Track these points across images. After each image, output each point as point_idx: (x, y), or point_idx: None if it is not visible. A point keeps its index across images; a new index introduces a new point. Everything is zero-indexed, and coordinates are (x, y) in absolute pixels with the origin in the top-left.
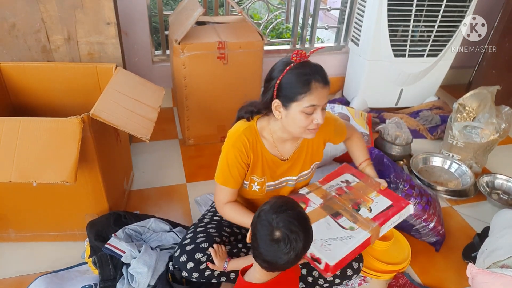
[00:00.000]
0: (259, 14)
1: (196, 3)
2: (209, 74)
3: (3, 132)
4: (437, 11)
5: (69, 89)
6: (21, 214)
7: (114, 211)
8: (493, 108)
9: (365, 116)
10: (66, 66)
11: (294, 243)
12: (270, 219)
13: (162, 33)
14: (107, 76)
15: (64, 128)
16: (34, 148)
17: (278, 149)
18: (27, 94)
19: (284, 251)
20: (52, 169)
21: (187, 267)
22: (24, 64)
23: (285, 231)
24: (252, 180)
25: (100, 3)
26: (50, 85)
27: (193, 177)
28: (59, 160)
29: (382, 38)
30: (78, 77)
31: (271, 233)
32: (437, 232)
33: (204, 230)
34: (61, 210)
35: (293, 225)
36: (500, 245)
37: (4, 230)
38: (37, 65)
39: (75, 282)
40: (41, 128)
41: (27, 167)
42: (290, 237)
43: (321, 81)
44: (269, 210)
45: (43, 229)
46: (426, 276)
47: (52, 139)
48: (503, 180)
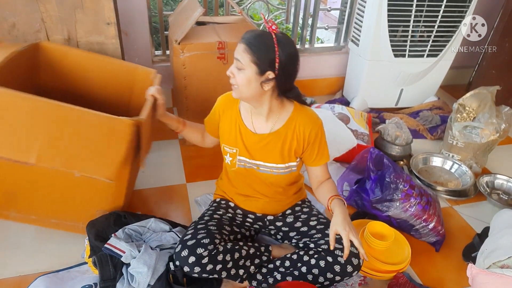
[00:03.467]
0: (259, 14)
1: (196, 3)
2: (209, 74)
3: (56, 118)
4: (437, 11)
5: (102, 82)
6: (32, 196)
7: (114, 211)
8: (493, 108)
9: (365, 116)
10: (107, 60)
11: None
12: None
13: (162, 33)
14: (144, 79)
15: (116, 127)
16: (83, 140)
17: (252, 121)
18: (59, 77)
19: None
20: (97, 164)
21: (188, 261)
22: (67, 48)
23: None
24: (225, 151)
25: (100, 3)
26: (86, 74)
27: (193, 177)
28: (105, 156)
29: (382, 38)
30: (115, 73)
31: None
32: (437, 232)
33: (204, 227)
34: (74, 201)
35: None
36: (500, 245)
37: (6, 207)
38: (79, 52)
39: (75, 282)
40: (94, 122)
41: (73, 156)
42: None
43: (242, 38)
44: None
45: (46, 215)
46: (426, 276)
47: (102, 135)
48: (503, 180)
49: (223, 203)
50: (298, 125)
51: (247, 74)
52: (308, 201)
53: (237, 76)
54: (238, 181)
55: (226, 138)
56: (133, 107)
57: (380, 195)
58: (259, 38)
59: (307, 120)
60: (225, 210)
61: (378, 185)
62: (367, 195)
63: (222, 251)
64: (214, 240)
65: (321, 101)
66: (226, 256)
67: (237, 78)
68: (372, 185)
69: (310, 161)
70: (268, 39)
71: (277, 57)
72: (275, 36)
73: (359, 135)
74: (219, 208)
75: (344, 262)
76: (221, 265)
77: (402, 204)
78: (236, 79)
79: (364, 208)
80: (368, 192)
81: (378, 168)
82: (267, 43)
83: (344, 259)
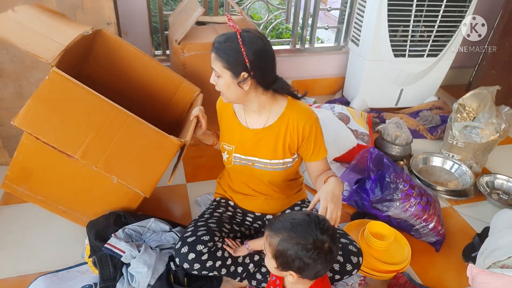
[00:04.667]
0: (259, 14)
1: (196, 3)
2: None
3: (109, 120)
4: (437, 11)
5: (145, 83)
6: (50, 179)
7: (114, 211)
8: (493, 108)
9: (365, 116)
10: (157, 65)
11: (335, 241)
12: (316, 243)
13: (162, 33)
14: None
15: (164, 144)
16: (131, 148)
17: (245, 117)
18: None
19: (334, 254)
20: (136, 175)
21: (188, 258)
22: (123, 42)
23: (327, 238)
24: (223, 149)
25: (100, 3)
26: (132, 71)
27: (193, 177)
28: (146, 169)
29: (382, 38)
30: (159, 79)
31: (322, 250)
32: (437, 232)
33: (204, 224)
34: (90, 197)
35: (329, 228)
36: (500, 245)
37: (17, 182)
38: (133, 49)
39: (75, 282)
40: (146, 134)
41: (116, 162)
42: (333, 238)
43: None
44: (305, 238)
45: (56, 200)
46: (426, 276)
47: (148, 148)
48: (503, 180)
49: (223, 202)
50: (291, 120)
51: (224, 80)
52: (308, 201)
53: (218, 83)
54: (236, 179)
55: (225, 136)
56: (167, 115)
57: (380, 195)
58: (224, 43)
59: (301, 114)
60: (225, 209)
61: (378, 185)
62: (367, 195)
63: (222, 248)
64: (214, 237)
65: (321, 101)
66: (226, 252)
67: (218, 86)
68: (372, 185)
69: (307, 156)
70: (233, 42)
71: (245, 58)
72: (240, 36)
73: (359, 135)
74: (219, 207)
75: (343, 260)
76: (220, 262)
77: (402, 204)
78: (218, 87)
79: (364, 208)
80: (368, 192)
81: (378, 168)
82: (233, 46)
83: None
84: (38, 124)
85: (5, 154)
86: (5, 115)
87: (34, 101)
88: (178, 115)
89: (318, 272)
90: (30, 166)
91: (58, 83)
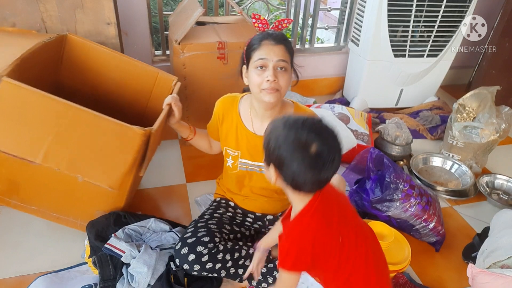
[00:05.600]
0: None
1: (196, 3)
2: (209, 74)
3: (67, 119)
4: (437, 11)
5: (122, 82)
6: (33, 189)
7: (114, 211)
8: (493, 108)
9: (365, 116)
10: (130, 61)
11: (332, 144)
12: (298, 138)
13: (162, 33)
14: (164, 85)
15: (127, 136)
16: (92, 145)
17: (253, 123)
18: (80, 72)
19: (328, 159)
20: (102, 171)
21: (188, 259)
22: (92, 43)
23: (318, 139)
24: (227, 154)
25: (100, 3)
26: (106, 72)
27: (193, 177)
28: (111, 164)
29: (382, 38)
30: (136, 75)
31: (306, 150)
32: (437, 232)
33: (205, 225)
34: (74, 200)
35: (321, 129)
36: (500, 245)
37: (8, 195)
38: (103, 49)
39: (75, 282)
40: (105, 127)
41: (79, 161)
42: (327, 141)
43: (272, 39)
44: (289, 129)
45: (47, 207)
46: (426, 276)
47: (111, 142)
48: (503, 180)
49: (223, 203)
50: None
51: (290, 73)
52: None
53: (281, 78)
54: (238, 183)
55: (228, 141)
56: (150, 111)
57: (380, 195)
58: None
59: None
60: (225, 209)
61: (378, 185)
62: (367, 195)
63: (222, 250)
64: (214, 238)
65: (321, 101)
66: (226, 255)
67: (281, 81)
68: (372, 185)
69: None
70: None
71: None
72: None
73: (359, 135)
74: (219, 207)
75: None
76: (220, 264)
77: (402, 204)
78: (279, 82)
79: (364, 208)
80: (368, 192)
81: (378, 168)
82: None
83: None
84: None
85: None
86: None
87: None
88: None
89: (295, 174)
90: (14, 178)
91: (10, 92)
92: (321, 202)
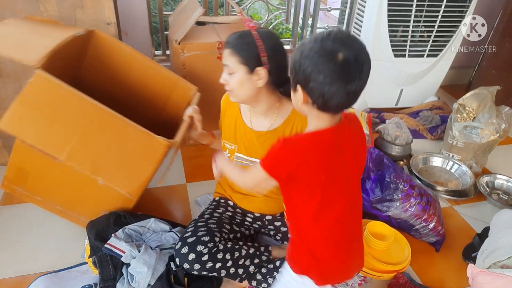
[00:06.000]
0: (259, 14)
1: (196, 3)
2: (209, 74)
3: (95, 121)
4: (437, 11)
5: (142, 84)
6: (44, 181)
7: (114, 211)
8: (493, 108)
9: (365, 116)
10: (153, 65)
11: (359, 53)
12: (323, 47)
13: (162, 33)
14: (183, 93)
15: (151, 145)
16: (116, 150)
17: (251, 118)
18: (102, 69)
19: (356, 68)
20: (123, 177)
21: (188, 258)
22: (118, 42)
23: (344, 48)
24: (224, 147)
25: (100, 3)
26: (128, 72)
27: (193, 177)
28: (133, 171)
29: (382, 38)
30: (156, 79)
31: (333, 59)
32: (437, 232)
33: (204, 225)
34: (84, 198)
35: (348, 39)
36: (500, 245)
37: (15, 182)
38: (128, 49)
39: (75, 282)
40: (132, 134)
41: (102, 164)
42: (354, 50)
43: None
44: (314, 41)
45: (52, 200)
46: (426, 276)
47: (135, 149)
48: (503, 180)
49: (223, 202)
50: (296, 123)
51: (238, 77)
52: None
53: (230, 81)
54: None
55: (227, 135)
56: (165, 115)
57: (380, 195)
58: (240, 39)
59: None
60: (224, 209)
61: (378, 185)
62: (367, 195)
63: (222, 250)
64: (214, 238)
65: None
66: (226, 255)
67: (230, 83)
68: (372, 185)
69: None
70: (249, 37)
71: (261, 52)
72: (256, 32)
73: None
74: (219, 207)
75: None
76: (220, 264)
77: (402, 204)
78: (230, 85)
79: (364, 208)
80: (368, 192)
81: (378, 168)
82: (249, 41)
83: None
84: (23, 126)
85: (5, 154)
86: None
87: (18, 104)
88: (177, 115)
89: (321, 87)
90: (25, 167)
91: (43, 85)
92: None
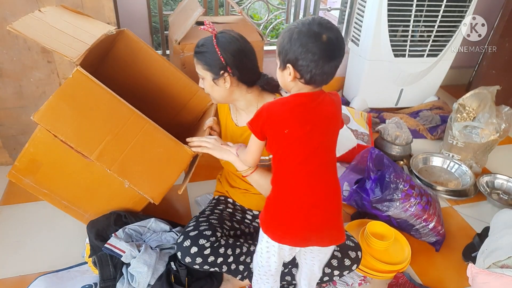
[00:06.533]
0: (259, 14)
1: (196, 3)
2: None
3: (128, 123)
4: (437, 11)
5: (160, 88)
6: (57, 173)
7: (115, 211)
8: (493, 108)
9: (365, 116)
10: (176, 72)
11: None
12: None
13: (162, 33)
14: (200, 102)
15: (178, 153)
16: (144, 154)
17: (236, 115)
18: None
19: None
20: (149, 182)
21: (190, 251)
22: (144, 45)
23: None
24: None
25: (100, 3)
26: (149, 75)
27: (193, 177)
28: (159, 177)
29: (382, 38)
30: (175, 85)
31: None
32: (437, 232)
33: (206, 220)
34: (96, 194)
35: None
36: (500, 245)
37: (24, 173)
38: (154, 54)
39: (75, 282)
40: (160, 140)
41: (130, 166)
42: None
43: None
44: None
45: (60, 194)
46: (426, 276)
47: (163, 155)
48: (503, 180)
49: (222, 199)
50: None
51: (207, 81)
52: None
53: (204, 86)
54: (231, 174)
55: (223, 134)
56: (177, 121)
57: (380, 195)
58: (201, 47)
59: None
60: (224, 205)
61: (378, 185)
62: (367, 195)
63: (224, 245)
64: (216, 232)
65: None
66: (228, 250)
67: (205, 88)
68: (372, 185)
69: None
70: (209, 44)
71: (221, 57)
72: (215, 38)
73: (359, 135)
74: (219, 204)
75: (341, 255)
76: (222, 259)
77: (402, 204)
78: (205, 89)
79: (364, 208)
80: (368, 192)
81: (378, 168)
82: (209, 48)
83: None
84: (58, 122)
85: (5, 154)
86: (5, 115)
87: (56, 99)
88: (190, 121)
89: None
90: (40, 159)
91: (81, 83)
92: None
